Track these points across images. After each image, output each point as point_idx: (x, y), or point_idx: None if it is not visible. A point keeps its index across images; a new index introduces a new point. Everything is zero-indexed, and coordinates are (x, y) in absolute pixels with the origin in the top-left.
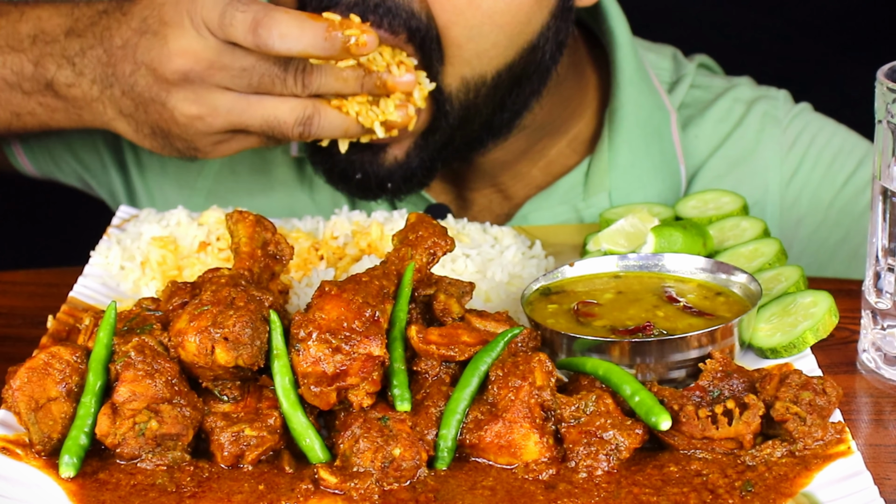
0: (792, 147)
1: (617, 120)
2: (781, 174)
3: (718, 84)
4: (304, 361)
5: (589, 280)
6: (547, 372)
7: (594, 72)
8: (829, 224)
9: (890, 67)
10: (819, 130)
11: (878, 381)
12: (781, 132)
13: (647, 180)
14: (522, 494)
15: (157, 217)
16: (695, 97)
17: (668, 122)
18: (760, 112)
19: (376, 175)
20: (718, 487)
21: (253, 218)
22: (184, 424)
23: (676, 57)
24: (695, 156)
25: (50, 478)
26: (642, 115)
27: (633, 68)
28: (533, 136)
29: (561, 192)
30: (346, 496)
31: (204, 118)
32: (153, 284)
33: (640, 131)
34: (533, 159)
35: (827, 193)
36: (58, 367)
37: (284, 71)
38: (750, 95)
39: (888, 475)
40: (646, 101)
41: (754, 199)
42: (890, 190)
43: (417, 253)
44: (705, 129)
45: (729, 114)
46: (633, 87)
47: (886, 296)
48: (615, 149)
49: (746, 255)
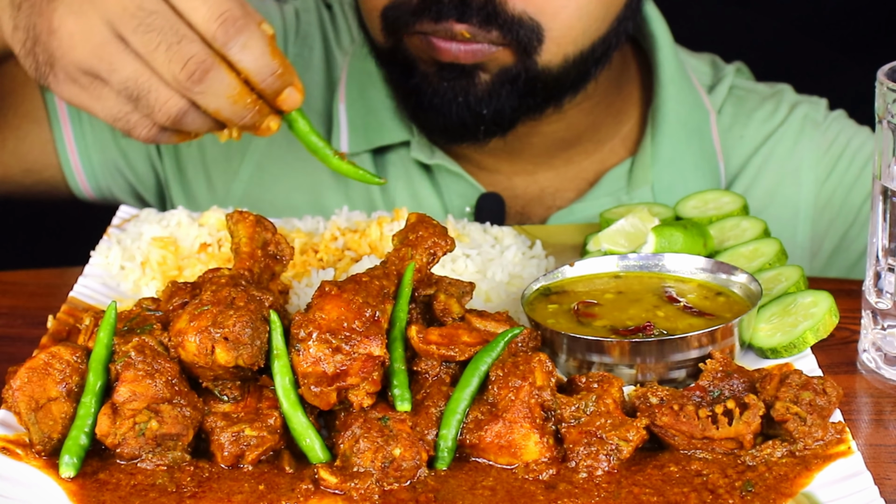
0: (829, 149)
1: (659, 117)
2: (817, 174)
3: (763, 89)
4: (304, 361)
5: (589, 280)
6: (547, 372)
7: (638, 75)
8: (860, 225)
9: (890, 67)
10: (854, 135)
11: (878, 381)
12: (820, 134)
13: (688, 175)
14: (522, 494)
15: (158, 217)
16: (740, 100)
17: (708, 121)
18: (801, 114)
19: (475, 100)
20: (718, 487)
21: (253, 218)
22: (184, 424)
23: (715, 62)
24: (739, 156)
25: (50, 478)
26: (682, 112)
27: (673, 68)
28: (589, 116)
29: (606, 185)
30: (347, 496)
31: (73, 36)
32: (153, 284)
33: (681, 128)
34: (586, 149)
35: (858, 196)
36: (58, 367)
37: (179, 45)
38: (793, 99)
39: (888, 475)
40: (686, 100)
41: (790, 198)
42: (890, 189)
43: (417, 253)
44: (750, 130)
45: (773, 115)
46: (673, 86)
47: (887, 296)
48: (657, 144)
49: (746, 255)
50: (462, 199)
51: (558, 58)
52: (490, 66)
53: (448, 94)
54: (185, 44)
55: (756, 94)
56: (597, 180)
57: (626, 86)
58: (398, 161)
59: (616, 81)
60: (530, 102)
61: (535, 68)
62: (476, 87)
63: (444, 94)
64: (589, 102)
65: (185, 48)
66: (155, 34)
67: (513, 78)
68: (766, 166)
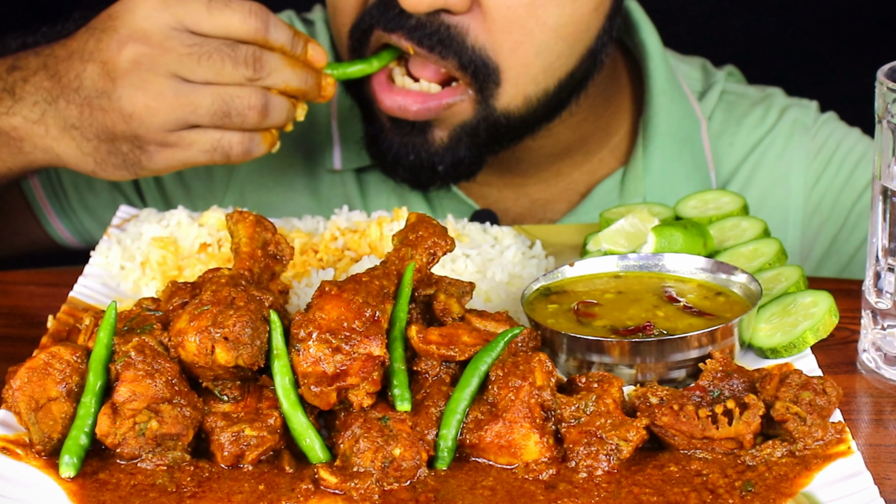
0: (818, 153)
1: (651, 128)
2: (806, 178)
3: (753, 93)
4: (304, 361)
5: (589, 280)
6: (547, 372)
7: (629, 84)
8: (850, 227)
9: (890, 67)
10: (844, 137)
11: (878, 381)
12: (810, 139)
13: (679, 185)
14: (522, 494)
15: (158, 217)
16: (730, 105)
17: (699, 130)
18: (791, 119)
19: (427, 157)
20: (718, 487)
21: (253, 218)
22: (184, 424)
23: (706, 67)
24: (729, 162)
25: (50, 478)
26: (673, 122)
27: (664, 78)
28: (577, 131)
29: (597, 197)
30: (347, 496)
31: (150, 106)
32: (153, 284)
33: (672, 138)
34: (576, 161)
35: (848, 198)
36: (58, 367)
37: (235, 51)
38: (783, 103)
39: (888, 475)
40: (677, 109)
41: (780, 203)
42: (890, 189)
43: (417, 253)
44: (740, 137)
45: (763, 121)
46: (664, 96)
47: (886, 296)
48: (649, 155)
49: (746, 255)
50: (455, 216)
51: (518, 100)
52: (445, 123)
53: (401, 150)
54: (237, 49)
55: (746, 99)
56: (588, 192)
57: (615, 96)
58: (389, 179)
59: (605, 94)
60: (495, 148)
61: (493, 115)
62: (430, 144)
63: (398, 150)
64: (576, 118)
65: (238, 52)
66: (213, 57)
67: (471, 130)
68: (756, 172)
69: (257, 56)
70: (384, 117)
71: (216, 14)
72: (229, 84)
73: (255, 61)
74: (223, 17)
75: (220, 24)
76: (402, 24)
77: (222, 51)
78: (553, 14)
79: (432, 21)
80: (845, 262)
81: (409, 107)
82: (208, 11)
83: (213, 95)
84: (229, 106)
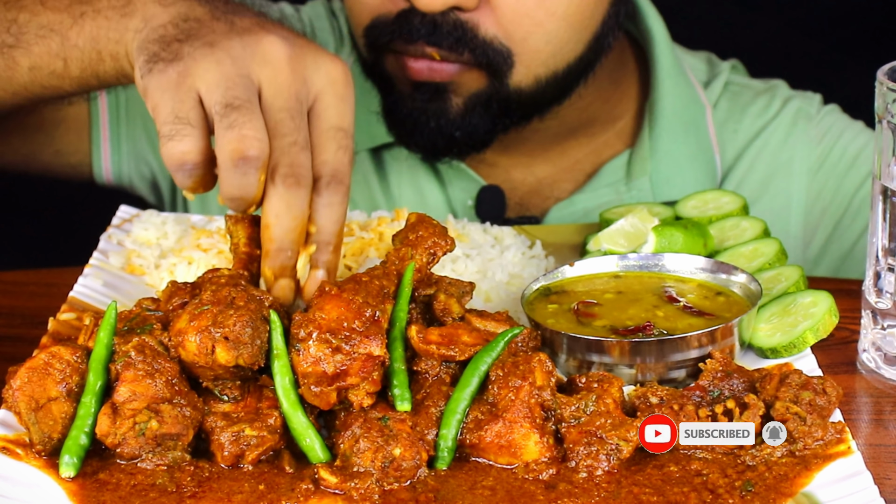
0: (821, 141)
1: (657, 111)
2: (809, 166)
3: (757, 84)
4: (304, 361)
5: (589, 280)
6: (547, 372)
7: (636, 70)
8: (853, 213)
9: (890, 67)
10: (846, 127)
11: (878, 381)
12: (813, 126)
13: (685, 167)
14: (522, 494)
15: (158, 217)
16: (735, 95)
17: (704, 115)
18: (794, 108)
19: (446, 124)
20: (718, 487)
21: (252, 219)
22: (184, 424)
23: (711, 59)
24: (734, 149)
25: (50, 478)
26: (679, 106)
27: (670, 63)
28: (584, 112)
29: (605, 177)
30: (347, 496)
31: (209, 82)
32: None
33: (678, 121)
34: (580, 142)
35: (851, 184)
36: (58, 367)
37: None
38: (786, 94)
39: (888, 475)
40: (682, 94)
41: (782, 189)
42: (890, 189)
43: (417, 253)
44: (744, 124)
45: (766, 110)
46: (670, 81)
47: (886, 296)
48: (655, 137)
49: (746, 255)
50: (464, 193)
51: (529, 79)
52: (461, 90)
53: (421, 117)
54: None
55: (750, 90)
56: (594, 172)
57: (622, 81)
58: (401, 157)
59: (612, 77)
60: (506, 122)
61: (506, 90)
62: (448, 110)
63: (418, 116)
64: (583, 101)
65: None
66: (292, 120)
67: (485, 101)
68: (760, 158)
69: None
70: (406, 85)
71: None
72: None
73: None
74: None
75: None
76: (421, 33)
77: (293, 119)
78: (562, 3)
79: (446, 20)
80: (848, 248)
81: (433, 72)
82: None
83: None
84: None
